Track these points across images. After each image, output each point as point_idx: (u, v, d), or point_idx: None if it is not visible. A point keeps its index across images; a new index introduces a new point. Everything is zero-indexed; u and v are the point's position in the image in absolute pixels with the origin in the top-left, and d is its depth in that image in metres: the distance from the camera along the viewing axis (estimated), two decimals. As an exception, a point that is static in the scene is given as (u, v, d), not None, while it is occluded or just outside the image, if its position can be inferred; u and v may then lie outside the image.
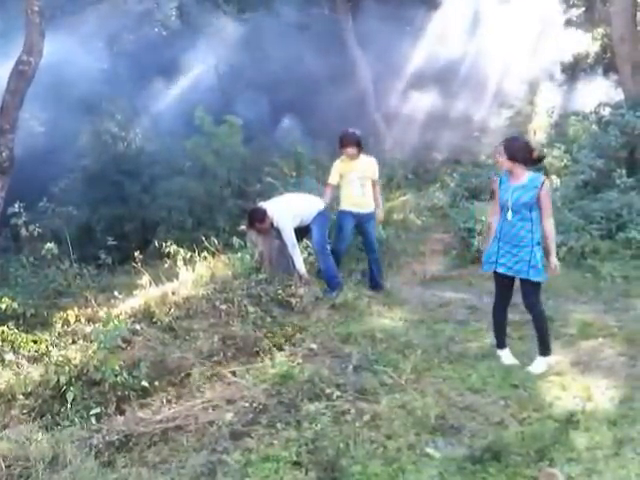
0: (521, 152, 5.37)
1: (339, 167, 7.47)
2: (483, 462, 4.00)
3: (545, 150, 10.43)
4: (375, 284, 7.60)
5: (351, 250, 8.20)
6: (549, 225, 5.34)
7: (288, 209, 6.97)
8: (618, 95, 13.18)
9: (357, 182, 7.37)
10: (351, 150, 7.32)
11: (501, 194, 5.53)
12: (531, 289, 5.47)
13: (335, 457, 4.00)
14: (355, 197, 7.40)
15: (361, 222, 7.50)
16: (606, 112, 11.14)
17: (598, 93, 13.32)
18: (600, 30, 16.93)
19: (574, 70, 16.24)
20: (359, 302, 6.73)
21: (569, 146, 11.29)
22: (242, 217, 8.88)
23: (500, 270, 5.58)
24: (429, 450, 4.18)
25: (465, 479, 3.87)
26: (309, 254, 7.53)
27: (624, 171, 9.58)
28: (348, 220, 7.45)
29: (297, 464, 4.03)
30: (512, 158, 5.39)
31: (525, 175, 5.38)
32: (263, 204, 7.07)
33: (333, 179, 7.48)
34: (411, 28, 14.18)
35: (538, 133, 13.51)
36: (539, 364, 5.47)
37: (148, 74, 12.64)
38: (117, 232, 10.94)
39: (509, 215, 5.46)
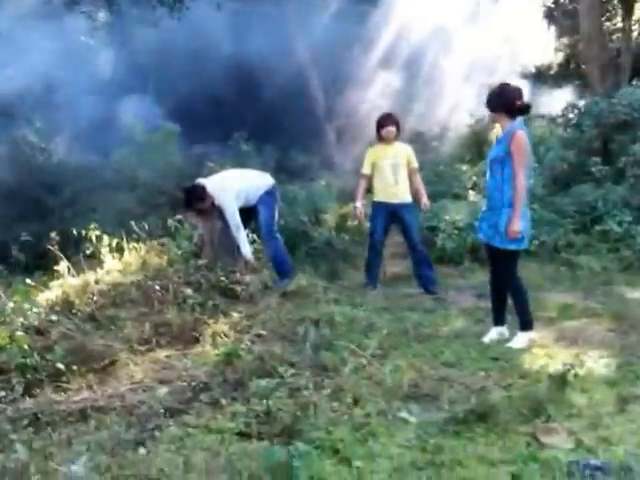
0: (501, 100, 5.13)
1: (371, 155, 7.31)
2: (468, 423, 3.64)
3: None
4: (425, 287, 7.24)
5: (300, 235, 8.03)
6: (516, 181, 5.00)
7: (231, 185, 6.55)
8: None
9: (390, 170, 7.18)
10: (391, 129, 7.14)
11: None
12: (500, 258, 5.22)
13: (292, 425, 3.59)
14: (388, 187, 7.20)
15: (396, 213, 7.25)
16: (574, 114, 11.13)
17: (562, 100, 13.42)
18: (564, 40, 17.30)
19: (537, 81, 16.46)
20: (314, 289, 6.35)
21: (535, 148, 11.22)
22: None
23: (479, 235, 5.40)
24: (403, 415, 3.81)
25: (448, 440, 3.49)
26: (258, 237, 7.11)
27: (599, 159, 9.52)
28: (379, 212, 7.27)
29: (245, 435, 3.61)
30: (491, 108, 5.20)
31: (507, 128, 5.11)
32: (202, 180, 6.65)
33: (366, 169, 7.31)
34: (363, 28, 14.20)
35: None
36: (520, 339, 5.19)
37: (70, 74, 12.24)
38: (36, 252, 10.35)
39: (487, 174, 5.26)
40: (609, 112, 9.73)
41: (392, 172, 7.19)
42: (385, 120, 7.20)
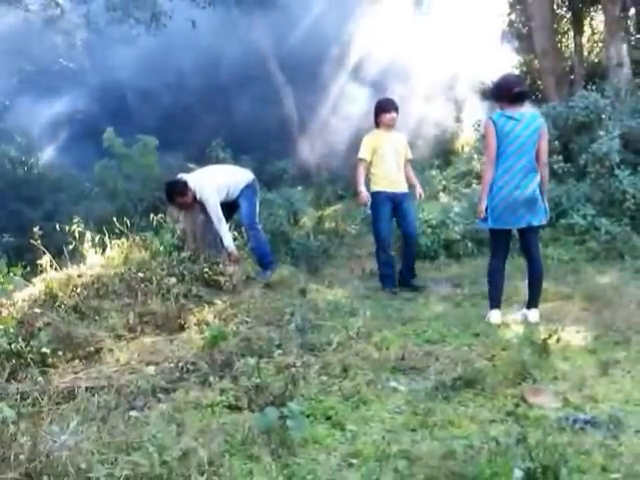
0: (498, 89, 5.18)
1: (371, 141, 6.55)
2: (456, 389, 3.53)
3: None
4: (405, 280, 6.67)
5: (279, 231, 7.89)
6: (484, 169, 5.15)
7: (212, 180, 6.40)
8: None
9: (393, 157, 6.54)
10: (394, 115, 6.49)
11: None
12: None
13: (281, 396, 3.44)
14: (391, 175, 6.54)
15: (399, 202, 6.59)
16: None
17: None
18: (519, 58, 17.41)
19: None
20: (296, 280, 6.21)
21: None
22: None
23: None
24: (392, 384, 3.68)
25: (438, 405, 3.37)
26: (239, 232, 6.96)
27: (561, 157, 9.52)
28: (383, 202, 6.53)
29: (236, 408, 3.45)
30: (495, 98, 5.25)
31: None
32: (184, 175, 6.49)
33: (366, 155, 6.52)
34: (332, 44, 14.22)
35: (466, 148, 13.55)
36: (494, 315, 5.15)
37: (52, 91, 12.04)
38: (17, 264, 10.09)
39: None
40: (567, 115, 9.78)
41: (395, 159, 6.56)
42: (387, 105, 6.55)
